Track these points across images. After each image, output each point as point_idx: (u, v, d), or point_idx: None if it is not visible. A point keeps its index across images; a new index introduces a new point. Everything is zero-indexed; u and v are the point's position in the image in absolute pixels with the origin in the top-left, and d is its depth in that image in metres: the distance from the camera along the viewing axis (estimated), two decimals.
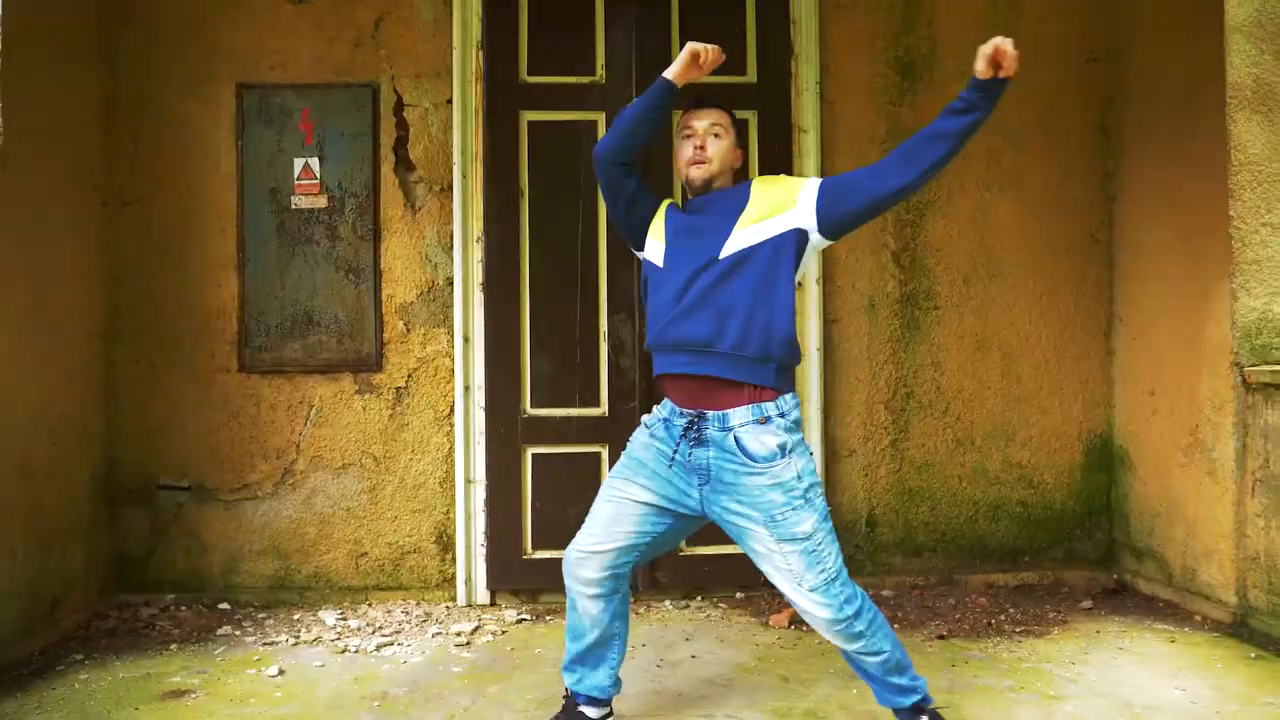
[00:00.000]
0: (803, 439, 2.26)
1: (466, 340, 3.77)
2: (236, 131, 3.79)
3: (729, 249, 2.24)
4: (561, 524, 3.70)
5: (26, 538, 3.19)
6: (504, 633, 3.40)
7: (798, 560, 2.14)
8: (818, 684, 2.83)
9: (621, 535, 2.28)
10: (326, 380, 3.80)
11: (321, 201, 3.79)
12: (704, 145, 2.35)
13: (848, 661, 2.29)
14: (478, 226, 3.77)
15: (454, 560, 3.79)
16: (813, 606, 2.15)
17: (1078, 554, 3.99)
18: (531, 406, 3.77)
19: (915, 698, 2.26)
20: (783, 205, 2.27)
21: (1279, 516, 3.16)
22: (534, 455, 3.75)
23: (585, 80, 3.81)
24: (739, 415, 2.19)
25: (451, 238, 3.78)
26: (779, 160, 3.83)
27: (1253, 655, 3.04)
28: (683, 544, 3.79)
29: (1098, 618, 3.49)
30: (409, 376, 3.80)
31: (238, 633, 3.40)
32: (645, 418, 2.38)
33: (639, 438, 2.36)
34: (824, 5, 3.91)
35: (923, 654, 3.09)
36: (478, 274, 3.77)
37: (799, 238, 2.27)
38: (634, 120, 2.36)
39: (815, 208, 2.26)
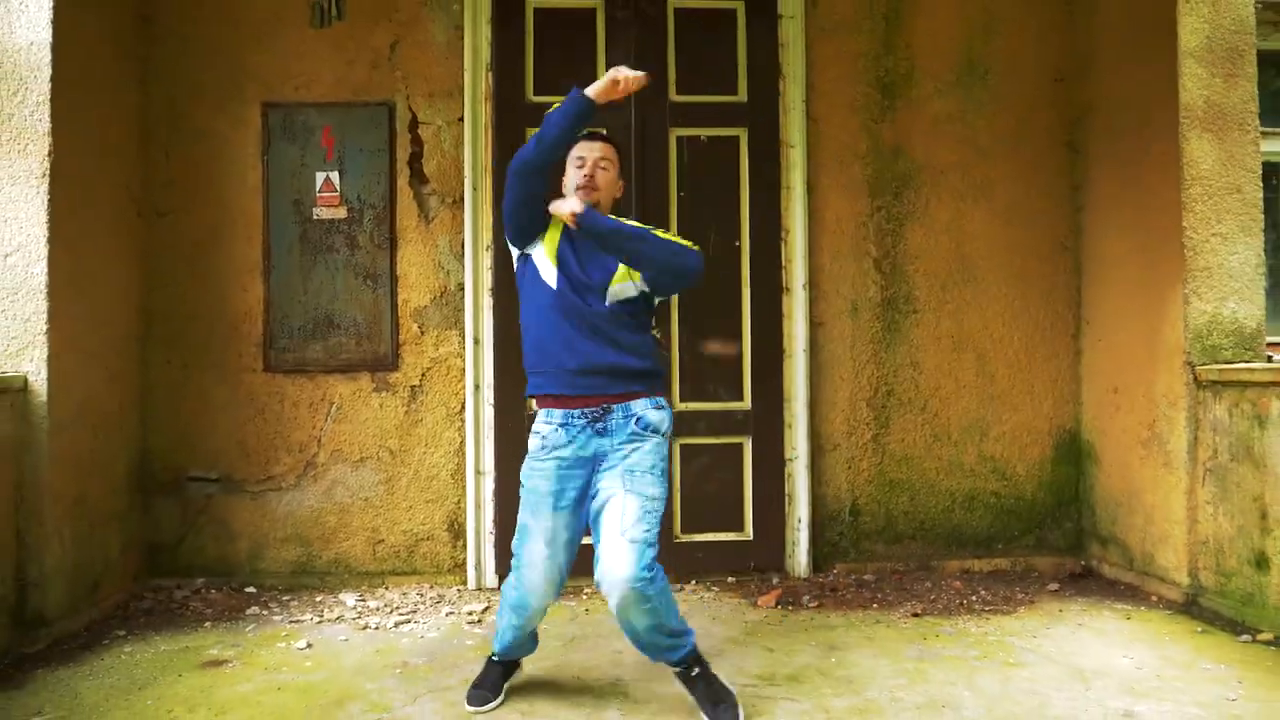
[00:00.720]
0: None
1: (477, 342, 4.04)
2: (262, 147, 4.07)
3: (611, 300, 2.58)
4: None
5: (73, 524, 3.47)
6: None
7: (633, 509, 2.47)
8: (799, 654, 3.10)
9: (563, 558, 2.59)
10: (346, 379, 4.08)
11: (341, 213, 4.07)
12: (593, 175, 2.64)
13: (625, 632, 2.55)
14: (487, 236, 4.05)
15: (465, 547, 4.06)
16: (622, 555, 2.41)
17: (1048, 542, 4.27)
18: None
19: (684, 651, 2.56)
20: (634, 273, 2.60)
21: (1225, 504, 3.44)
22: None
23: None
24: (640, 405, 2.58)
25: (463, 246, 4.06)
26: (769, 174, 4.12)
27: (1199, 630, 3.31)
28: (679, 532, 4.08)
29: (1062, 599, 3.77)
30: (423, 376, 4.08)
31: (265, 612, 3.67)
32: (532, 442, 2.63)
33: (535, 469, 2.61)
34: (810, 29, 4.19)
35: (897, 629, 3.37)
36: (487, 280, 4.05)
37: (648, 296, 2.66)
38: (559, 133, 2.54)
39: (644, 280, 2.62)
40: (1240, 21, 3.66)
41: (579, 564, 2.66)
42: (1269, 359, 3.89)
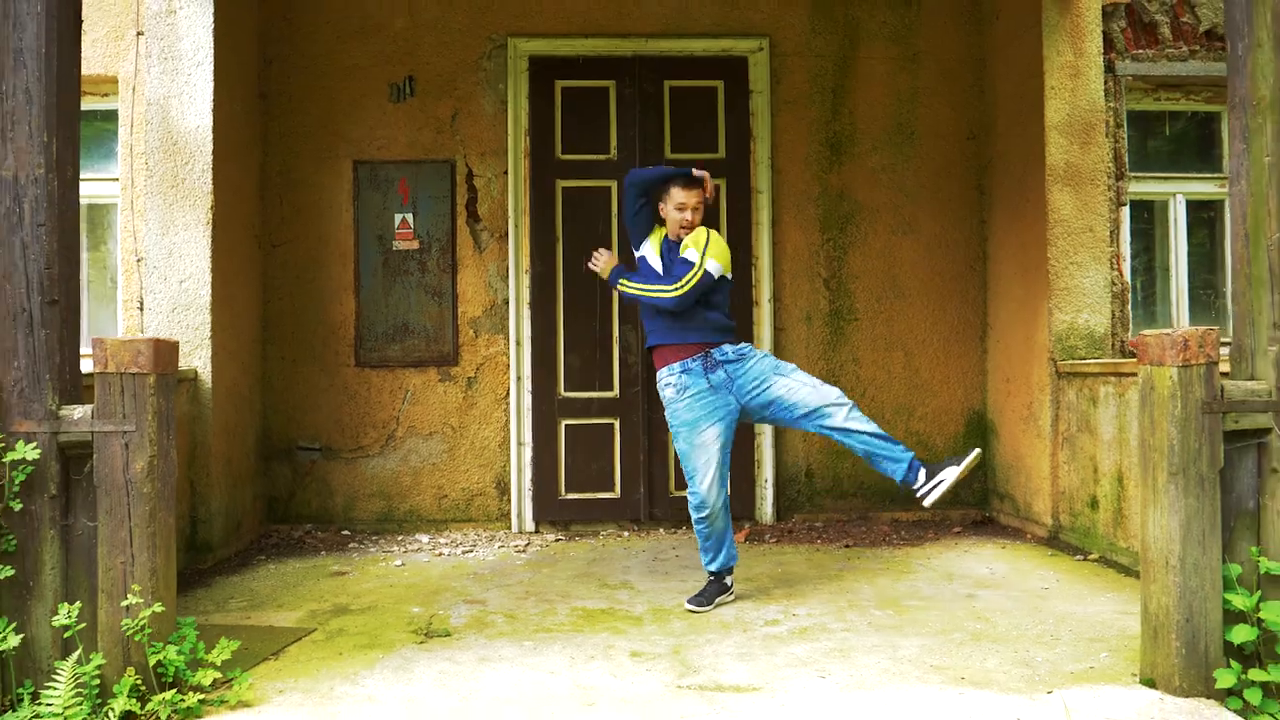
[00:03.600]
0: None
1: (518, 343, 5.28)
2: (353, 194, 5.31)
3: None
4: (586, 475, 5.24)
5: (225, 478, 4.72)
6: (547, 546, 4.91)
7: (803, 378, 3.65)
8: (757, 567, 4.33)
9: (722, 462, 3.65)
10: (418, 372, 5.32)
11: (414, 245, 5.31)
12: (692, 219, 3.77)
13: (860, 451, 3.67)
14: (526, 262, 5.28)
15: (509, 500, 5.30)
16: (829, 390, 3.62)
17: (961, 498, 5.48)
18: (565, 390, 5.29)
19: (908, 462, 3.65)
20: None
21: (1074, 463, 4.65)
22: (566, 425, 5.27)
23: (602, 158, 5.32)
24: (729, 345, 3.69)
25: (507, 270, 5.30)
26: (743, 213, 5.34)
27: (1050, 554, 4.53)
28: (673, 489, 5.31)
29: (961, 537, 4.99)
30: (477, 369, 5.31)
31: (362, 546, 4.91)
32: (669, 392, 3.65)
33: (679, 401, 3.62)
34: (775, 101, 5.41)
35: (831, 555, 4.60)
36: (526, 296, 5.28)
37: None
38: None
39: None
40: (1093, 102, 4.86)
41: (593, 510, 3.82)
42: (1132, 355, 5.10)
